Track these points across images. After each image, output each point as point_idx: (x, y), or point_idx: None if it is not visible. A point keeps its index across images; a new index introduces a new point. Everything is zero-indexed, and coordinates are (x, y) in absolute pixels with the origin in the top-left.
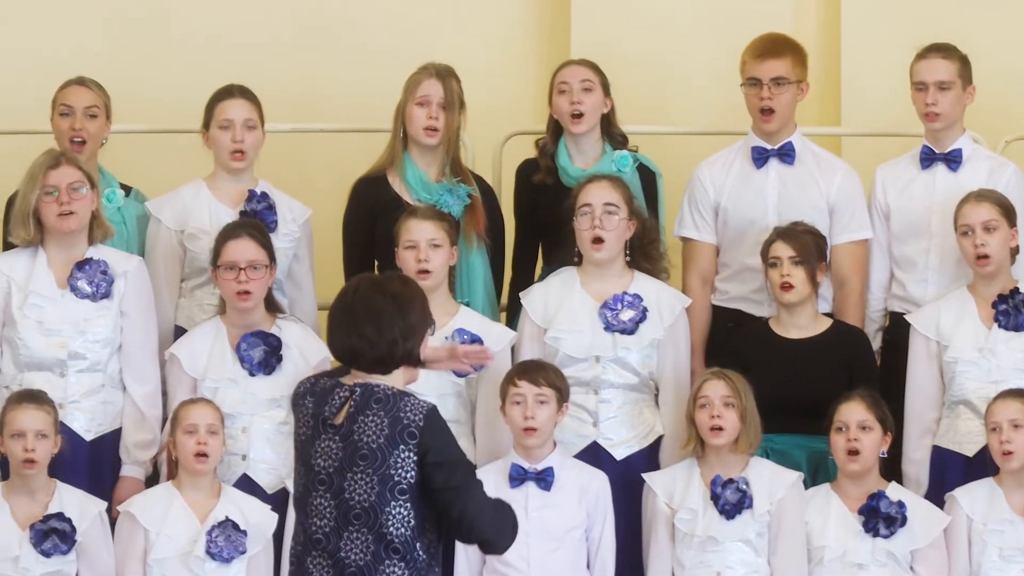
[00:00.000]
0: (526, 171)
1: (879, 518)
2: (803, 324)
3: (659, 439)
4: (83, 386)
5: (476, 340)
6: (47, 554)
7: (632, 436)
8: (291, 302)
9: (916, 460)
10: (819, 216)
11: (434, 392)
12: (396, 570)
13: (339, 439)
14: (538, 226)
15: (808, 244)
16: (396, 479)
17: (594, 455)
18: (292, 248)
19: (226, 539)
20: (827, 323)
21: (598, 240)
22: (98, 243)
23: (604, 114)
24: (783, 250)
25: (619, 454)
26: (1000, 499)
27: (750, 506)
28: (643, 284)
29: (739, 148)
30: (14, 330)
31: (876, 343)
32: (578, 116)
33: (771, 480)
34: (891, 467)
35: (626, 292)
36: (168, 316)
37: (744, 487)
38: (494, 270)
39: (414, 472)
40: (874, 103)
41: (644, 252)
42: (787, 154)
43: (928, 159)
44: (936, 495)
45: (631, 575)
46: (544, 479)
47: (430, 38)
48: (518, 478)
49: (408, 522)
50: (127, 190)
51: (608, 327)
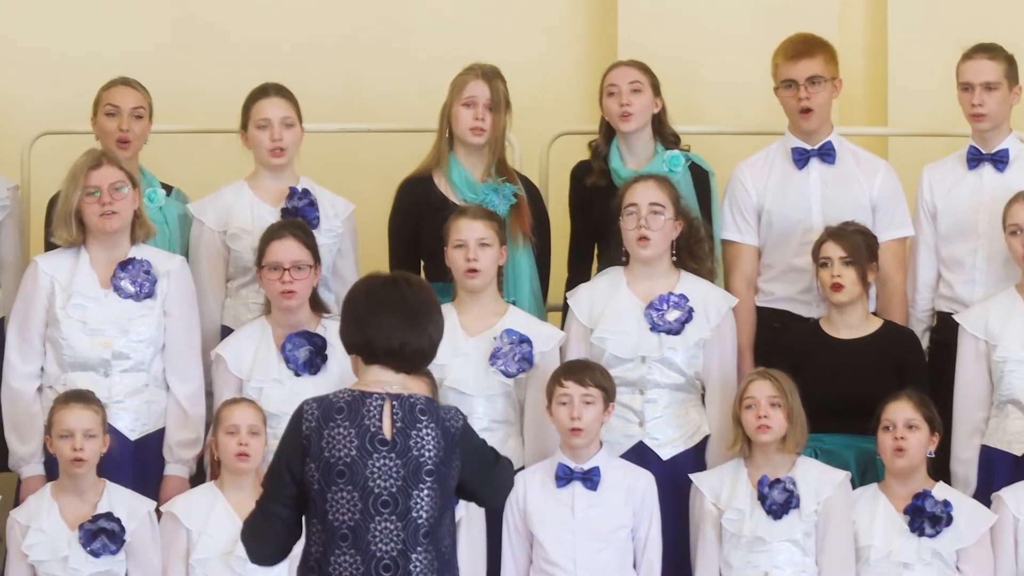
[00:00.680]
0: (580, 173)
1: (924, 517)
2: (854, 324)
3: (705, 439)
4: (127, 386)
5: (524, 340)
6: (96, 554)
7: (678, 436)
8: (336, 297)
9: (964, 460)
10: (863, 214)
11: (483, 393)
12: None
13: (395, 456)
14: (592, 227)
15: (859, 244)
16: (450, 488)
17: (640, 455)
18: (336, 244)
19: None
20: (878, 323)
21: (643, 239)
22: (140, 243)
23: (655, 114)
24: (834, 250)
25: (665, 454)
26: None
27: (797, 506)
28: (690, 284)
29: (777, 149)
30: (58, 330)
31: (924, 343)
32: (627, 116)
33: (818, 480)
34: (941, 467)
35: (672, 292)
36: (213, 317)
37: (791, 487)
38: (539, 270)
39: (457, 478)
40: (921, 103)
41: (690, 252)
42: (828, 153)
43: (975, 159)
44: (984, 495)
45: (677, 575)
46: (590, 479)
47: (477, 38)
48: (564, 478)
49: (453, 532)
50: (168, 189)
51: (654, 327)
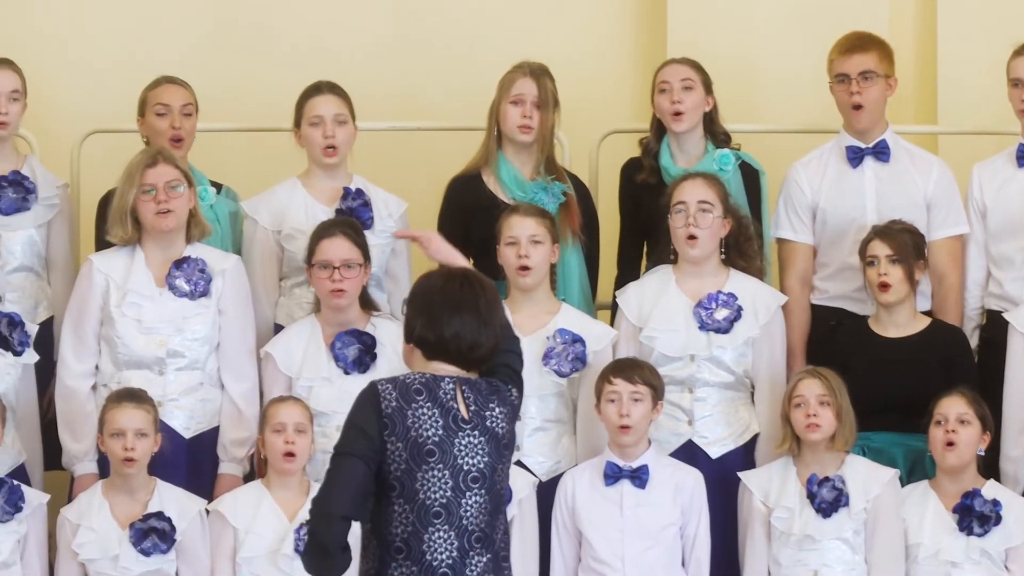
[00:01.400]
0: (630, 170)
1: (973, 516)
2: (901, 323)
3: (755, 437)
4: (182, 384)
5: (577, 340)
6: (147, 553)
7: (727, 434)
8: (388, 296)
9: (1014, 458)
10: (918, 213)
11: (535, 393)
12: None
13: (479, 433)
14: (642, 225)
15: (906, 243)
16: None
17: (689, 453)
18: (389, 244)
19: None
20: (926, 322)
21: (692, 238)
22: (195, 241)
23: (706, 112)
24: (881, 249)
25: (714, 452)
26: None
27: (846, 504)
28: (738, 282)
29: (831, 148)
30: (112, 329)
31: (974, 341)
32: (678, 115)
33: (867, 478)
34: (991, 466)
35: (720, 291)
36: (267, 316)
37: (840, 485)
38: (589, 268)
39: None
40: (971, 101)
41: (740, 250)
42: (882, 152)
43: None
44: None
45: (726, 573)
46: (639, 477)
47: (526, 37)
48: (613, 476)
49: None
50: (218, 187)
51: (703, 326)
